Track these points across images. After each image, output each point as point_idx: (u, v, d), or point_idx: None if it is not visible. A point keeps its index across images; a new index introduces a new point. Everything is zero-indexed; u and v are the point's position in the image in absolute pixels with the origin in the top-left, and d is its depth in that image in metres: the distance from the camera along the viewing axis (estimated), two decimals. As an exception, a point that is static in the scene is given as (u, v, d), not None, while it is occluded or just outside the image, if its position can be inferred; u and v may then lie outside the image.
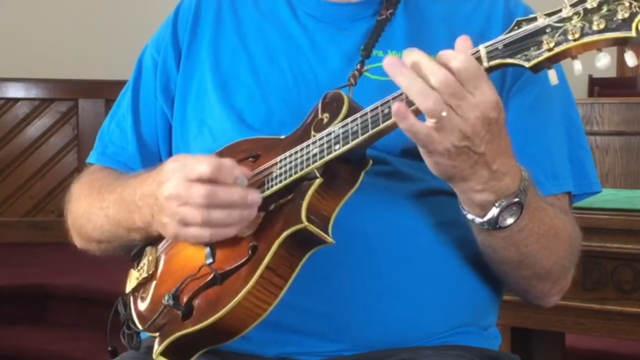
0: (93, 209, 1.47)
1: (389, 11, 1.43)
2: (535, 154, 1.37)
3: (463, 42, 1.16)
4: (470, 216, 1.25)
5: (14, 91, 5.89)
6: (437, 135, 1.14)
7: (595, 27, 1.09)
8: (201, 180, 1.23)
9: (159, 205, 1.28)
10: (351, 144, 1.21)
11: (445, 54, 1.14)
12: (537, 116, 1.40)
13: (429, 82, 1.13)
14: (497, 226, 1.23)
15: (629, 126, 4.36)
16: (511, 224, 1.24)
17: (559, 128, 1.42)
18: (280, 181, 1.27)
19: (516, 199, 1.22)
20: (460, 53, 1.14)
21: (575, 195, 1.44)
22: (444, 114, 1.12)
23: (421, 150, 1.17)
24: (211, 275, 1.26)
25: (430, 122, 1.14)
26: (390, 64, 1.15)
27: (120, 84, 1.64)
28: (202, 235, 1.26)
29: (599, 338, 2.95)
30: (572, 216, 1.40)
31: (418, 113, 1.14)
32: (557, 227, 1.33)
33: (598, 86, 5.88)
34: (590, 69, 1.15)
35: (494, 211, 1.22)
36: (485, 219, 1.23)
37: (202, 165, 1.24)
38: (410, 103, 1.15)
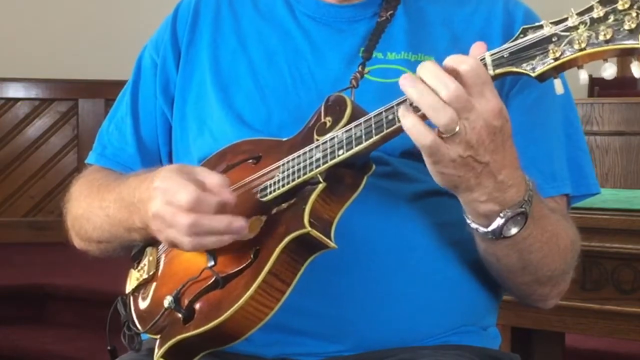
0: (93, 209, 1.47)
1: (389, 12, 1.43)
2: (534, 155, 1.36)
3: (479, 48, 1.15)
4: (474, 225, 1.25)
5: (14, 91, 5.89)
6: (443, 144, 1.13)
7: (602, 37, 1.08)
8: (181, 209, 1.23)
9: (148, 218, 1.29)
10: (355, 149, 1.21)
11: (454, 58, 1.13)
12: (536, 117, 1.39)
13: (440, 95, 1.11)
14: (502, 236, 1.23)
15: (629, 126, 4.36)
16: (515, 234, 1.23)
17: (558, 130, 1.42)
18: (283, 185, 1.26)
19: (521, 209, 1.21)
20: (470, 57, 1.13)
21: (573, 196, 1.44)
22: (457, 128, 1.12)
23: (426, 160, 1.16)
24: (212, 279, 1.26)
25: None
26: (404, 78, 1.14)
27: (120, 84, 1.64)
28: (196, 251, 1.28)
29: (599, 338, 2.94)
30: (570, 219, 1.40)
31: (424, 119, 1.14)
32: (560, 234, 1.33)
33: (598, 86, 5.88)
34: (591, 68, 1.14)
35: (498, 221, 1.22)
36: (490, 229, 1.23)
37: (182, 195, 1.23)
38: (416, 109, 1.14)
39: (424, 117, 1.13)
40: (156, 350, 1.27)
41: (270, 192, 1.27)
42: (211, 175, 1.27)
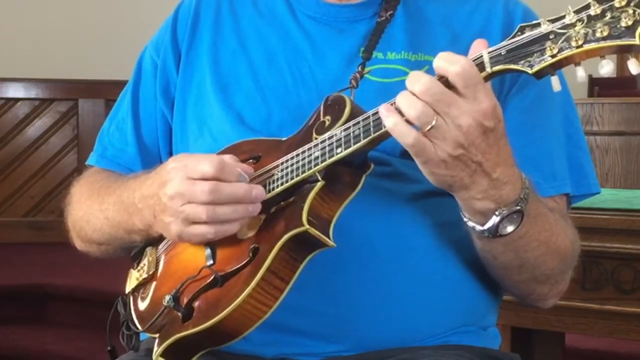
0: (93, 211, 1.47)
1: (389, 12, 1.43)
2: (534, 155, 1.37)
3: (480, 45, 1.15)
4: (470, 223, 1.25)
5: (14, 91, 5.89)
6: (428, 143, 1.14)
7: (598, 34, 1.08)
8: (204, 179, 1.24)
9: (162, 205, 1.28)
10: (353, 147, 1.21)
11: (446, 58, 1.14)
12: (536, 117, 1.40)
13: (413, 91, 1.13)
14: (498, 234, 1.23)
15: (629, 126, 4.36)
16: (511, 232, 1.24)
17: (557, 129, 1.42)
18: (282, 184, 1.27)
19: (517, 207, 1.22)
20: (462, 57, 1.13)
21: (573, 196, 1.44)
22: (433, 122, 1.12)
23: (416, 160, 1.17)
24: (211, 277, 1.26)
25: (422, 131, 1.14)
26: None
27: (120, 84, 1.64)
28: (206, 232, 1.26)
29: (599, 338, 2.94)
30: (569, 219, 1.40)
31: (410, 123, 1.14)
32: (558, 233, 1.33)
33: (598, 86, 5.89)
34: (591, 68, 1.15)
35: (494, 219, 1.22)
36: (486, 227, 1.23)
37: (204, 164, 1.24)
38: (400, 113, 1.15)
39: (409, 122, 1.14)
40: (155, 348, 1.27)
41: (269, 191, 1.28)
42: (223, 154, 1.28)
